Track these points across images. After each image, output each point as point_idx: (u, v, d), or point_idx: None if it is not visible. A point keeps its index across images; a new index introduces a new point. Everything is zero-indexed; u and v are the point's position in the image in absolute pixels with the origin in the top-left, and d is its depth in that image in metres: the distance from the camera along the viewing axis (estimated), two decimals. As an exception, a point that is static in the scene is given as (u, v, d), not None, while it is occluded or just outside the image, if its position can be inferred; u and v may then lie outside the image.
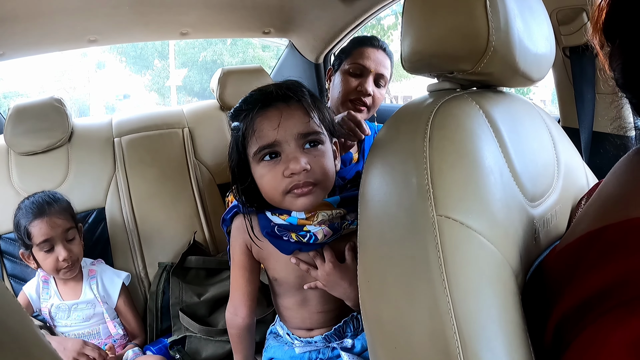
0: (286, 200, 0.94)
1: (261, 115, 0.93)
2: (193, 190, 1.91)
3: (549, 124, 0.90)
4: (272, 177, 0.93)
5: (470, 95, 0.73)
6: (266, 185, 0.95)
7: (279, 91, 0.94)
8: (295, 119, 0.92)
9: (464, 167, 0.61)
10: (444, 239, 0.56)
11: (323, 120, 0.98)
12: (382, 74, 1.60)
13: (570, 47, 1.28)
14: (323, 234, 0.99)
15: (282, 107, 0.93)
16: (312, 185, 0.93)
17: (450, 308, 0.54)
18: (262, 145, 0.92)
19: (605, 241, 0.52)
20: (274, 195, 0.95)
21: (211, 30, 2.35)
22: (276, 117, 0.92)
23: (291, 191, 0.93)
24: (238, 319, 1.15)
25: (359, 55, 1.59)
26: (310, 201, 0.94)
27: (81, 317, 1.52)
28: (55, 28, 1.88)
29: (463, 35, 0.68)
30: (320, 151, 0.95)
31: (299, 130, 0.92)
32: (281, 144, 0.92)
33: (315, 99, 0.99)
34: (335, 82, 1.64)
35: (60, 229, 1.48)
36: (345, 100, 1.58)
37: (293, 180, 0.91)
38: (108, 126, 2.01)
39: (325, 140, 0.97)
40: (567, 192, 0.85)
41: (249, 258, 1.11)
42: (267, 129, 0.92)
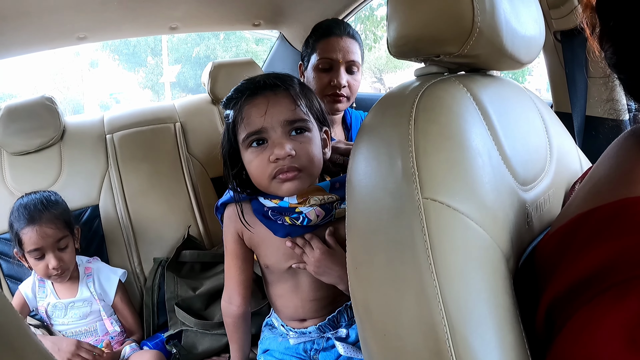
0: (272, 186, 0.99)
1: (249, 103, 0.97)
2: (186, 184, 1.90)
3: (541, 108, 0.90)
4: (259, 163, 0.97)
5: (458, 79, 0.72)
6: (254, 170, 0.99)
7: (267, 80, 0.98)
8: (282, 106, 0.96)
9: (449, 149, 0.60)
10: (430, 222, 0.56)
11: (311, 108, 1.01)
12: (353, 60, 1.56)
13: (561, 31, 1.27)
14: (315, 214, 1.02)
15: (269, 95, 0.96)
16: (297, 171, 0.97)
17: (437, 293, 0.53)
18: (249, 132, 0.97)
19: (596, 222, 0.52)
20: (261, 180, 0.99)
21: (200, 24, 2.34)
22: (263, 104, 0.96)
23: (276, 176, 0.97)
24: (233, 307, 1.17)
25: (324, 49, 1.55)
26: (295, 186, 0.98)
27: (78, 315, 1.52)
28: (44, 27, 1.86)
29: (448, 17, 0.67)
30: (306, 138, 0.99)
31: (285, 117, 0.96)
32: (268, 130, 0.96)
33: (305, 89, 1.03)
34: (308, 78, 1.61)
35: (51, 239, 1.45)
36: (322, 97, 1.53)
37: (278, 165, 0.95)
38: (100, 123, 2.00)
39: (312, 127, 1.00)
40: (560, 176, 0.84)
41: (241, 246, 1.15)
42: (254, 116, 0.96)
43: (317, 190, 1.02)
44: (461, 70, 0.80)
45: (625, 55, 0.54)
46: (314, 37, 1.61)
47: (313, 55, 1.59)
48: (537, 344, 0.56)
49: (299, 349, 1.16)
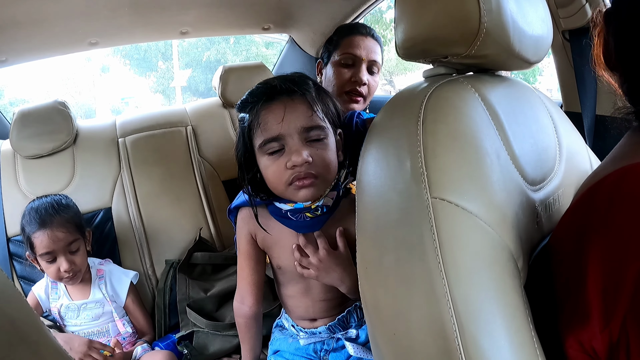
0: (289, 191, 0.98)
1: (266, 108, 0.96)
2: (198, 187, 1.92)
3: (550, 108, 0.90)
4: (276, 169, 0.96)
5: (466, 79, 0.72)
6: (271, 175, 0.98)
7: (283, 85, 0.96)
8: (299, 112, 0.95)
9: (458, 149, 0.61)
10: (438, 221, 0.56)
11: (327, 112, 1.00)
12: (375, 60, 1.57)
13: (569, 30, 1.26)
14: (330, 199, 1.05)
15: (286, 101, 0.95)
16: (313, 178, 0.96)
17: (446, 291, 0.54)
18: (267, 138, 0.96)
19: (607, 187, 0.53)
20: (277, 185, 0.99)
21: (211, 28, 2.35)
22: (280, 110, 0.94)
23: (293, 182, 0.96)
24: (245, 308, 1.18)
25: (348, 45, 1.56)
26: (312, 193, 0.97)
27: (90, 317, 1.53)
28: (56, 32, 1.89)
29: (455, 18, 0.68)
30: (323, 144, 0.98)
31: (302, 124, 0.95)
32: (285, 137, 0.95)
33: (321, 92, 1.02)
34: (328, 75, 1.61)
35: (62, 243, 1.46)
36: (340, 93, 1.55)
37: (295, 172, 0.95)
38: (112, 127, 2.02)
39: (328, 133, 0.99)
40: (569, 176, 0.84)
41: (254, 247, 1.16)
42: (271, 123, 0.95)
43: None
44: (469, 71, 0.81)
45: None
46: (337, 35, 1.61)
47: (335, 51, 1.58)
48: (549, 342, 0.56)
49: (309, 349, 1.17)
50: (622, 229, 0.48)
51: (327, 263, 1.04)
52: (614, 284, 0.47)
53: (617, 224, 0.48)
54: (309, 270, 1.06)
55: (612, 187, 0.51)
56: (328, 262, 1.04)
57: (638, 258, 0.46)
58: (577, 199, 0.57)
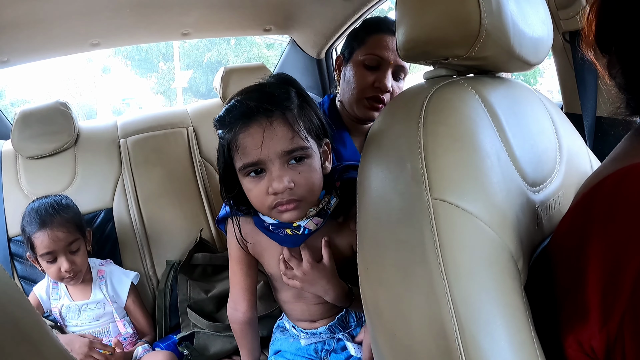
0: (272, 214, 0.96)
1: (244, 131, 0.90)
2: (199, 188, 1.92)
3: (550, 110, 0.90)
4: (258, 193, 0.93)
5: (466, 81, 0.73)
6: (253, 199, 0.95)
7: (261, 106, 0.89)
8: (279, 136, 0.89)
9: (458, 150, 0.61)
10: (439, 222, 0.56)
11: (310, 128, 0.95)
12: (402, 66, 1.41)
13: (570, 31, 1.26)
14: (314, 223, 1.01)
15: (264, 124, 0.89)
16: (296, 202, 0.93)
17: (447, 292, 0.54)
18: (246, 162, 0.91)
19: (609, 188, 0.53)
20: (260, 208, 0.97)
21: (212, 29, 2.36)
22: (259, 134, 0.89)
23: (276, 207, 0.93)
24: (238, 314, 1.18)
25: (375, 45, 1.38)
26: (296, 215, 0.94)
27: (91, 317, 1.53)
28: (58, 33, 1.89)
29: (455, 20, 0.68)
30: (305, 166, 0.93)
31: (283, 148, 0.89)
32: (265, 162, 0.90)
33: (304, 104, 0.96)
34: (347, 75, 1.45)
35: (62, 243, 1.46)
36: (360, 98, 1.40)
37: (277, 198, 0.91)
38: (113, 128, 2.02)
39: (311, 152, 0.94)
40: (570, 177, 0.84)
41: (245, 253, 1.14)
42: (250, 147, 0.90)
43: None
44: (470, 73, 0.81)
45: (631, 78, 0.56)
46: (364, 30, 1.44)
47: (359, 49, 1.42)
48: (548, 343, 0.56)
49: (310, 350, 1.17)
50: (622, 229, 0.48)
51: (311, 275, 1.03)
52: (613, 283, 0.47)
53: (617, 224, 0.49)
54: (293, 281, 1.05)
55: (612, 187, 0.51)
56: (312, 274, 1.03)
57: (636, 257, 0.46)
58: (578, 199, 0.57)
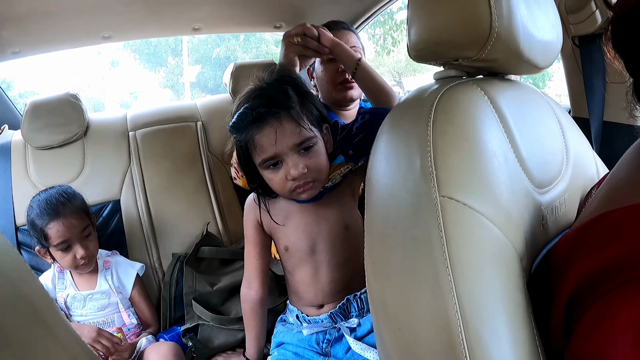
0: (293, 195, 1.11)
1: (258, 133, 1.05)
2: (206, 182, 1.93)
3: (558, 113, 0.90)
4: (278, 180, 1.09)
5: (476, 82, 0.74)
6: (275, 186, 1.11)
7: (269, 109, 1.04)
8: (289, 132, 1.05)
9: (466, 149, 0.62)
10: (446, 219, 0.58)
11: (312, 118, 1.11)
12: (353, 47, 1.64)
13: (579, 36, 1.27)
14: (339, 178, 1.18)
15: (275, 124, 1.04)
16: (311, 182, 1.09)
17: (452, 287, 0.55)
18: (264, 158, 1.07)
19: (612, 222, 0.52)
20: (282, 192, 1.12)
21: (222, 25, 2.36)
22: (272, 134, 1.04)
23: (295, 190, 1.09)
24: (252, 292, 1.29)
25: None
26: (312, 193, 1.11)
27: (96, 307, 1.55)
28: (70, 25, 1.91)
29: (466, 22, 0.69)
30: (314, 151, 1.09)
31: (294, 141, 1.05)
32: (281, 155, 1.06)
33: (304, 99, 1.11)
34: (317, 73, 1.71)
35: (76, 230, 1.49)
36: (334, 86, 1.64)
37: (295, 182, 1.07)
38: (123, 120, 2.04)
39: (317, 140, 1.10)
40: (576, 180, 0.85)
41: (259, 233, 1.27)
42: (266, 145, 1.05)
43: (335, 168, 1.17)
44: (479, 74, 0.82)
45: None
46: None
47: None
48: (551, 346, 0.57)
49: (312, 341, 1.20)
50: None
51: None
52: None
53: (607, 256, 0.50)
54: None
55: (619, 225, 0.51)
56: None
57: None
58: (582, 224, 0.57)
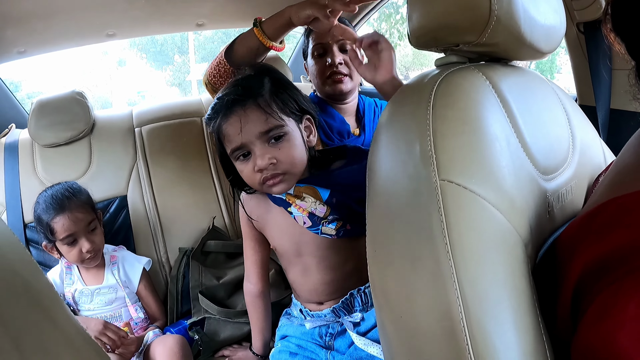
0: (264, 188, 1.07)
1: (225, 122, 1.04)
2: (212, 177, 1.94)
3: (563, 100, 0.89)
4: (248, 172, 1.06)
5: (477, 67, 0.73)
6: (246, 178, 1.08)
7: (235, 97, 1.03)
8: (254, 120, 1.01)
9: (467, 133, 0.61)
10: (447, 203, 0.57)
11: (285, 107, 1.06)
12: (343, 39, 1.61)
13: (584, 22, 1.25)
14: (302, 221, 1.13)
15: (240, 112, 1.02)
16: (280, 175, 1.04)
17: (453, 272, 0.54)
18: (232, 148, 1.05)
19: (618, 209, 0.51)
20: (253, 185, 1.09)
21: (227, 20, 2.36)
22: (237, 122, 1.02)
23: (265, 182, 1.05)
24: (250, 286, 1.32)
25: (316, 37, 1.63)
26: (284, 187, 1.07)
27: (103, 302, 1.56)
28: (74, 24, 1.91)
29: (465, 6, 0.68)
30: (284, 142, 1.04)
31: (259, 129, 1.01)
32: (248, 145, 1.03)
33: (277, 87, 1.07)
34: (309, 67, 1.69)
35: (82, 223, 1.50)
36: (325, 79, 1.62)
37: (263, 174, 1.04)
38: (129, 117, 2.05)
39: (289, 130, 1.05)
40: (583, 168, 0.84)
41: (252, 229, 1.26)
42: (232, 134, 1.03)
43: (313, 192, 1.11)
44: (482, 60, 0.81)
45: None
46: (307, 30, 1.71)
47: (309, 44, 1.67)
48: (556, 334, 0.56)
49: (315, 334, 1.20)
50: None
51: None
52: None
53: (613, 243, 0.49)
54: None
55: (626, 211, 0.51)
56: None
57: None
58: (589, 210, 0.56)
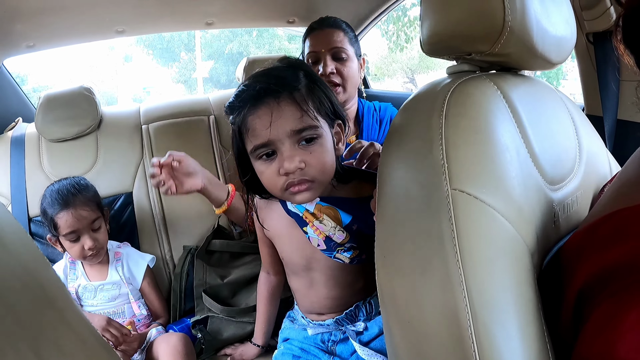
0: (285, 196, 0.95)
1: (252, 113, 0.90)
2: (218, 176, 1.94)
3: (571, 110, 0.90)
4: (270, 175, 0.92)
5: (488, 77, 0.73)
6: (265, 181, 0.95)
7: (268, 86, 0.89)
8: (287, 115, 0.89)
9: (478, 143, 0.62)
10: (457, 212, 0.57)
11: (320, 108, 0.93)
12: (337, 47, 1.56)
13: (594, 32, 1.25)
14: (317, 243, 1.05)
15: (272, 104, 0.89)
16: (308, 182, 0.92)
17: (462, 280, 0.55)
18: (256, 144, 0.91)
19: (621, 221, 0.52)
20: (273, 191, 0.96)
21: (236, 20, 2.37)
22: (267, 115, 0.88)
23: (288, 188, 0.92)
24: (269, 276, 1.32)
25: (310, 45, 1.61)
26: (308, 196, 0.94)
27: (107, 298, 1.56)
28: (84, 19, 1.91)
29: (479, 16, 0.69)
30: (316, 145, 0.92)
31: (291, 127, 0.89)
32: (275, 142, 0.89)
33: (313, 84, 0.95)
34: None
35: (86, 221, 1.50)
36: None
37: (288, 179, 0.91)
38: (136, 114, 2.05)
39: (322, 132, 0.92)
40: (589, 178, 0.84)
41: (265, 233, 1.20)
42: (259, 129, 0.89)
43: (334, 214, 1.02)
44: (492, 69, 0.81)
45: None
46: (304, 37, 1.67)
47: (305, 52, 1.64)
48: (559, 341, 0.57)
49: (317, 339, 1.17)
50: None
51: None
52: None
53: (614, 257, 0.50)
54: None
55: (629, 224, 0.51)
56: None
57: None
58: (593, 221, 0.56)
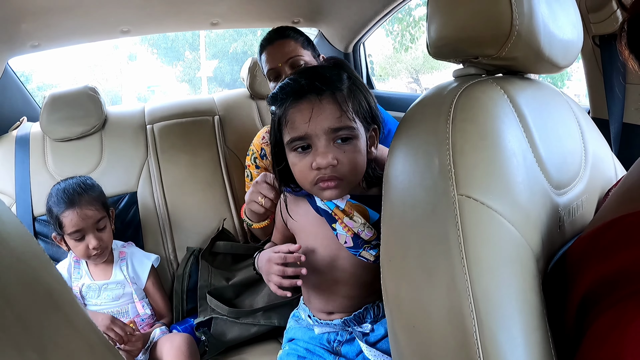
0: (314, 190, 1.00)
1: (294, 107, 0.95)
2: (223, 176, 1.94)
3: (577, 113, 0.89)
4: (302, 167, 0.97)
5: (495, 81, 0.73)
6: (297, 173, 0.99)
7: (312, 84, 0.94)
8: (327, 113, 0.93)
9: (485, 148, 0.62)
10: (464, 218, 0.57)
11: (359, 110, 0.97)
12: (292, 56, 1.54)
13: (600, 35, 1.24)
14: (344, 240, 1.05)
15: (314, 101, 0.93)
16: (338, 180, 0.96)
17: (468, 286, 0.55)
18: (293, 136, 0.95)
19: (626, 227, 0.52)
20: (303, 183, 1.00)
21: (241, 20, 2.36)
22: (308, 110, 0.93)
23: (318, 183, 0.96)
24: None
25: (265, 63, 1.58)
26: (336, 194, 0.98)
27: (111, 297, 1.57)
28: (89, 19, 1.92)
29: (487, 20, 0.69)
30: (351, 146, 0.96)
31: (329, 125, 0.93)
32: (312, 137, 0.94)
33: (354, 87, 0.99)
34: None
35: (91, 220, 1.51)
36: None
37: (319, 173, 0.95)
38: (141, 114, 2.06)
39: (358, 133, 0.96)
40: (594, 182, 0.84)
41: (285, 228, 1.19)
42: (298, 122, 0.94)
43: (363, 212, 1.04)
44: (499, 73, 0.81)
45: None
46: (259, 58, 1.64)
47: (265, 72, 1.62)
48: (563, 348, 0.56)
49: (323, 339, 1.16)
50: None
51: None
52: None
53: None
54: None
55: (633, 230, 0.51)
56: None
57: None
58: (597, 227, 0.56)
